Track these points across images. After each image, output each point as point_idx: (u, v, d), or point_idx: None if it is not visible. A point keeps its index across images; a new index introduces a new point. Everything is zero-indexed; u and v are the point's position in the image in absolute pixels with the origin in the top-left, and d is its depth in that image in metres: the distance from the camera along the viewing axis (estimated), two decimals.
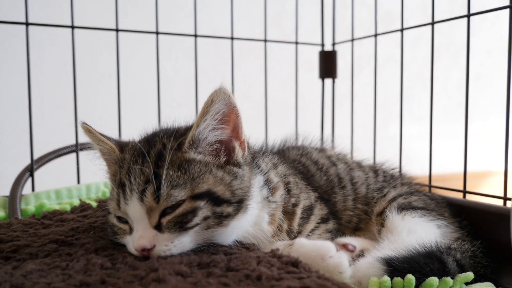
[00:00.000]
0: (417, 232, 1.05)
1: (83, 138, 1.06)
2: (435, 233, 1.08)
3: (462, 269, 0.98)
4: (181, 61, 2.26)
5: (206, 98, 0.88)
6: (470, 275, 0.95)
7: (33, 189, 1.43)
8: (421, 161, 1.57)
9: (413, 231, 1.05)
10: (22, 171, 1.40)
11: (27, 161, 1.42)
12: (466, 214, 1.20)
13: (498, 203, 1.20)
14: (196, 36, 1.64)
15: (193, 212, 0.85)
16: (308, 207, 1.07)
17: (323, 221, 1.08)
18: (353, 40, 1.78)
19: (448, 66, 3.00)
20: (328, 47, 1.89)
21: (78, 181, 1.50)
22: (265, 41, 1.76)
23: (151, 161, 0.88)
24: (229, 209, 0.88)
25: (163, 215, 0.85)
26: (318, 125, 1.92)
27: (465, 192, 1.31)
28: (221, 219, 0.87)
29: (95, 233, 1.01)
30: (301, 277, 0.76)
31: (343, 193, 1.18)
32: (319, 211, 1.08)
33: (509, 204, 1.19)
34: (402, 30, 1.51)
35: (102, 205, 1.19)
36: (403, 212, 1.10)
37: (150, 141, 0.93)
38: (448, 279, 0.92)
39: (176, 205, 0.85)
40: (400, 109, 1.55)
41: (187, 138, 0.90)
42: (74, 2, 1.44)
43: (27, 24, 1.38)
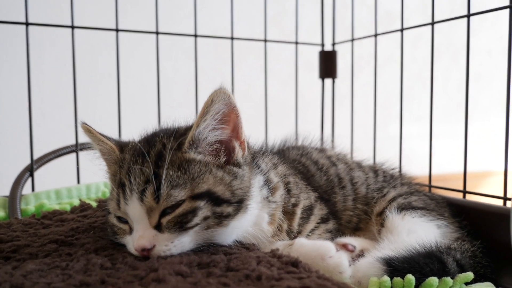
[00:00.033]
0: (417, 232, 1.05)
1: (83, 138, 1.06)
2: (435, 233, 1.08)
3: (462, 269, 0.98)
4: (181, 61, 2.26)
5: (206, 98, 0.88)
6: (470, 275, 0.95)
7: (33, 189, 1.43)
8: (421, 161, 1.57)
9: (413, 231, 1.05)
10: (22, 171, 1.40)
11: (27, 161, 1.42)
12: (466, 214, 1.20)
13: (498, 203, 1.20)
14: (196, 36, 1.64)
15: (193, 212, 0.85)
16: (308, 207, 1.07)
17: (323, 221, 1.08)
18: (353, 40, 1.78)
19: (448, 66, 3.00)
20: (328, 47, 1.89)
21: (78, 181, 1.50)
22: (265, 41, 1.76)
23: (151, 161, 0.88)
24: (229, 209, 0.88)
25: (163, 215, 0.85)
26: (318, 125, 1.92)
27: (465, 192, 1.31)
28: (221, 219, 0.88)
29: (95, 233, 1.01)
30: (301, 277, 0.75)
31: (343, 193, 1.18)
32: (319, 211, 1.08)
33: (509, 204, 1.18)
34: (402, 30, 1.51)
35: (102, 205, 1.19)
36: (403, 212, 1.10)
37: (150, 141, 0.93)
38: (448, 279, 0.92)
39: (176, 205, 0.85)
40: (400, 109, 1.55)
41: (187, 138, 0.90)
42: (74, 2, 1.44)
43: (27, 24, 1.38)
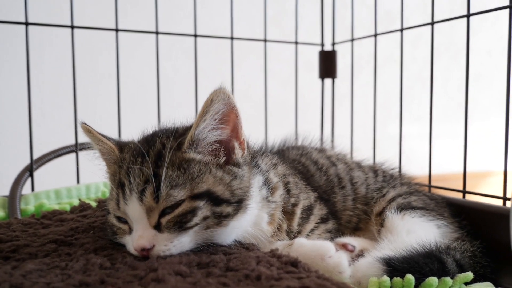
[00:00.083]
0: (416, 232, 1.05)
1: (83, 138, 1.07)
2: (435, 233, 1.08)
3: (461, 269, 0.98)
4: (181, 61, 2.26)
5: (206, 98, 0.88)
6: (469, 275, 0.95)
7: (33, 189, 1.43)
8: (421, 161, 1.57)
9: (413, 231, 1.05)
10: (21, 171, 1.40)
11: (27, 161, 1.42)
12: (465, 214, 1.20)
13: (497, 203, 1.20)
14: (196, 36, 1.64)
15: (193, 212, 0.85)
16: (307, 207, 1.07)
17: (323, 221, 1.08)
18: (353, 40, 1.78)
19: (448, 66, 3.00)
20: (328, 47, 1.89)
21: (77, 181, 1.50)
22: (265, 41, 1.76)
23: (151, 161, 0.88)
24: (229, 209, 0.88)
25: (162, 215, 0.85)
26: (318, 125, 1.92)
27: (464, 192, 1.31)
28: (221, 219, 0.87)
29: (94, 233, 1.01)
30: (300, 277, 0.75)
31: (342, 193, 1.18)
32: (318, 211, 1.08)
33: (508, 204, 1.18)
34: (402, 30, 1.51)
35: (101, 205, 1.19)
36: (403, 212, 1.10)
37: (149, 141, 0.93)
38: (447, 279, 0.92)
39: (175, 205, 0.85)
40: (399, 109, 1.55)
41: (187, 138, 0.90)
42: (74, 2, 1.44)
43: (27, 24, 1.38)
